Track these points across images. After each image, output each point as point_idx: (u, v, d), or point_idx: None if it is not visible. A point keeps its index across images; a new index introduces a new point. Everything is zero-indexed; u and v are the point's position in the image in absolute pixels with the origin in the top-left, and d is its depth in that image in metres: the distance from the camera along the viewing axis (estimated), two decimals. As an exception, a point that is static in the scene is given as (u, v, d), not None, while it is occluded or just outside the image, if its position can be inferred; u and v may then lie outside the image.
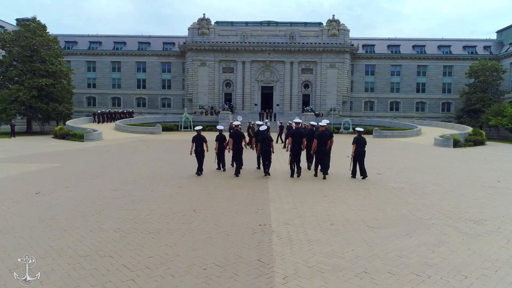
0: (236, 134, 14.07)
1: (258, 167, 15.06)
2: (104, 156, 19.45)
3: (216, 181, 12.26)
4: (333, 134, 14.76)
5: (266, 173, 13.46)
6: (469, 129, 37.55)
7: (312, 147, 13.40)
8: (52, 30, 49.02)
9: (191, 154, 13.91)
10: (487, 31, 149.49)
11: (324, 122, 13.49)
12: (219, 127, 14.76)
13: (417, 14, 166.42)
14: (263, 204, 9.06)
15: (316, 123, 14.79)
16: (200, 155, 13.76)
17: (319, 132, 13.36)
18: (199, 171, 13.67)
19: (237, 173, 13.54)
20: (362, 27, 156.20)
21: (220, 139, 14.50)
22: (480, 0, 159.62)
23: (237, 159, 13.87)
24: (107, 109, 54.72)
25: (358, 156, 13.16)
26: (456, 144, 30.74)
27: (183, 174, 13.69)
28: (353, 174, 13.34)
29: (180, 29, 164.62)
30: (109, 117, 48.09)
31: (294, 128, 13.60)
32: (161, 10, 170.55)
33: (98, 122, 45.56)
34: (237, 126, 14.66)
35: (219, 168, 14.78)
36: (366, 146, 13.36)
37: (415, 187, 11.75)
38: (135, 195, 9.96)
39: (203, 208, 8.53)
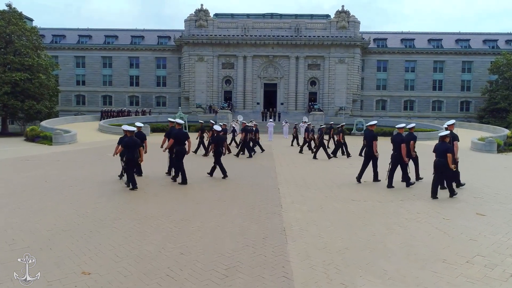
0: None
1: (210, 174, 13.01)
2: (40, 171, 13.42)
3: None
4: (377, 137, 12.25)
5: (211, 174, 12.83)
6: (506, 131, 32.49)
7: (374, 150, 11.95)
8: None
9: (114, 155, 11.61)
10: (488, 31, 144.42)
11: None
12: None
13: (417, 14, 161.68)
14: None
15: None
16: (131, 163, 10.29)
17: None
18: (133, 185, 10.32)
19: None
20: (362, 27, 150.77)
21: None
22: (480, 0, 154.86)
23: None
24: (112, 108, 51.41)
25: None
26: (497, 148, 25.64)
27: (112, 217, 7.81)
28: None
29: (178, 26, 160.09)
30: (113, 117, 44.68)
31: (395, 133, 12.20)
32: (160, 10, 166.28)
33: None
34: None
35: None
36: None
37: None
38: None
39: None
